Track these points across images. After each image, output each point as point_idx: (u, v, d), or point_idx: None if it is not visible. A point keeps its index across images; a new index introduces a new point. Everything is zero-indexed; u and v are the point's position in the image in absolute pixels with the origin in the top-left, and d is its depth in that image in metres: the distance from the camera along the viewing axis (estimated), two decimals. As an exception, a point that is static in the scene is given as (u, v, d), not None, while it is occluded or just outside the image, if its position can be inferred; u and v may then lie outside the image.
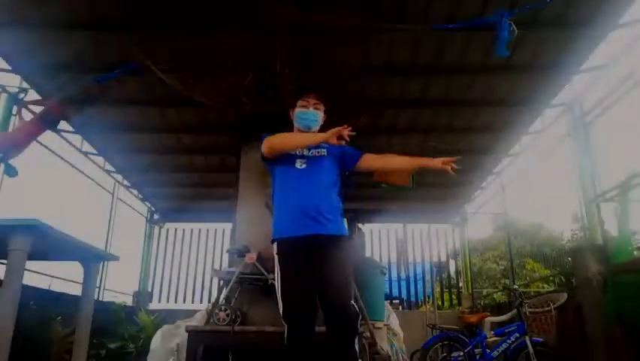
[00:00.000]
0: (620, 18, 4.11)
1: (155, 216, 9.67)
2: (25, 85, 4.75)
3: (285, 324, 2.23)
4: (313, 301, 2.25)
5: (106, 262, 7.17)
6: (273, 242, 2.42)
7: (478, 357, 4.62)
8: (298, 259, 2.29)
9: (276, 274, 2.34)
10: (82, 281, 2.94)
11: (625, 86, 4.44)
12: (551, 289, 7.70)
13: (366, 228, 8.36)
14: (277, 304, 2.26)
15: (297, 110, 2.59)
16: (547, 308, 4.49)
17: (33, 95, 4.69)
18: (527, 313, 4.51)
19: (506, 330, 4.60)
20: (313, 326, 2.23)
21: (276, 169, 2.54)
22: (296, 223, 2.33)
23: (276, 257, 2.37)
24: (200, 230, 9.79)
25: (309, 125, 2.57)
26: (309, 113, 2.56)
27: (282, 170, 2.50)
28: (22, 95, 4.27)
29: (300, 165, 2.47)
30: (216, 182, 7.84)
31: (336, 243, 2.34)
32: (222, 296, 4.19)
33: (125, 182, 8.16)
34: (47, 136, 4.82)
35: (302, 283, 2.26)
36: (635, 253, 4.27)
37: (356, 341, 2.20)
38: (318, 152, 2.54)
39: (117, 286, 8.24)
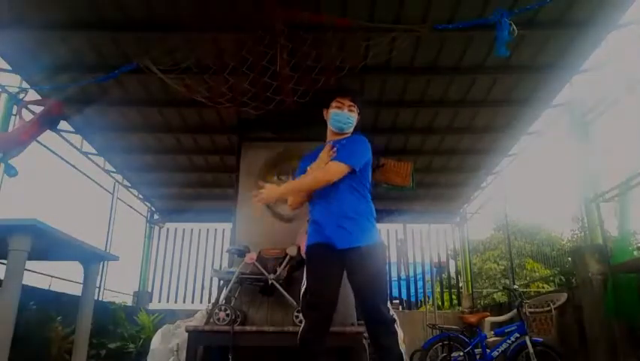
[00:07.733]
0: (619, 18, 4.11)
1: (155, 216, 9.67)
2: (25, 85, 4.75)
3: (305, 319, 2.35)
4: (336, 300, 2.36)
5: (106, 262, 7.17)
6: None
7: (478, 357, 4.63)
8: (329, 261, 2.39)
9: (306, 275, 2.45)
10: (82, 281, 2.95)
11: (624, 86, 4.43)
12: (551, 289, 7.71)
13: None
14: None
15: (332, 110, 2.63)
16: (547, 308, 4.49)
17: (33, 95, 4.68)
18: (527, 313, 4.51)
19: (506, 330, 4.61)
20: (329, 327, 2.33)
21: None
22: (332, 232, 2.42)
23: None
24: (200, 230, 9.80)
25: (342, 126, 2.61)
26: (343, 115, 2.60)
27: None
28: (22, 95, 4.27)
29: None
30: (216, 182, 7.84)
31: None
32: (222, 296, 4.18)
33: (125, 182, 8.16)
34: (47, 136, 4.83)
35: (330, 278, 2.37)
36: (635, 253, 4.28)
37: (397, 342, 2.33)
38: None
39: (117, 286, 8.26)
